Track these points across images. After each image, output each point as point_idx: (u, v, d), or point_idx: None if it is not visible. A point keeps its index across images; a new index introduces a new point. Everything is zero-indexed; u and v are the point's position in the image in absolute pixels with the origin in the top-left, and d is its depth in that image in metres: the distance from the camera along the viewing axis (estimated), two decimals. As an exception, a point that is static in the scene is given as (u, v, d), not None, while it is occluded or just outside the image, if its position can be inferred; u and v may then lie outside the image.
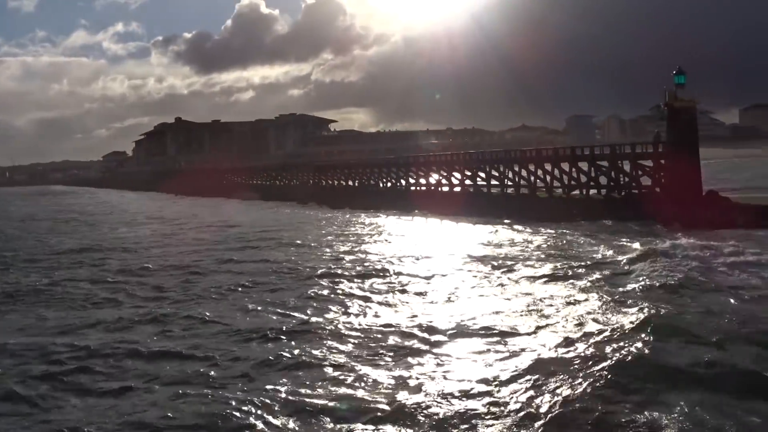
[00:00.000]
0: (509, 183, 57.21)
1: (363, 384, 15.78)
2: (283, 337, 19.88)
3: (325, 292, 26.45)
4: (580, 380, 15.17)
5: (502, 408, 14.10)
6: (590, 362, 16.31)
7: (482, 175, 60.76)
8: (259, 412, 14.32)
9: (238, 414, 14.27)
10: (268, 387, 15.75)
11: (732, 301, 21.60)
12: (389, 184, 76.51)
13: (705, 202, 42.37)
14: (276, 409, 14.53)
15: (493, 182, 59.15)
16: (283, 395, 15.19)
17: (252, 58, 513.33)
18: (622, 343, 17.43)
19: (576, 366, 16.15)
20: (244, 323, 21.97)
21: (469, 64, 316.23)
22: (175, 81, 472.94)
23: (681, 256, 30.28)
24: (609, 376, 15.27)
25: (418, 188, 70.52)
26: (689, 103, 44.95)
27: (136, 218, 74.07)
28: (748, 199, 44.04)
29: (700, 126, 48.64)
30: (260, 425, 13.76)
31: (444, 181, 66.74)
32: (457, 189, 63.79)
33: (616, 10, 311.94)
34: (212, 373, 16.98)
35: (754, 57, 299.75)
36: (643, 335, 17.84)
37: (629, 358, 16.37)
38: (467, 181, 62.69)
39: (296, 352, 18.28)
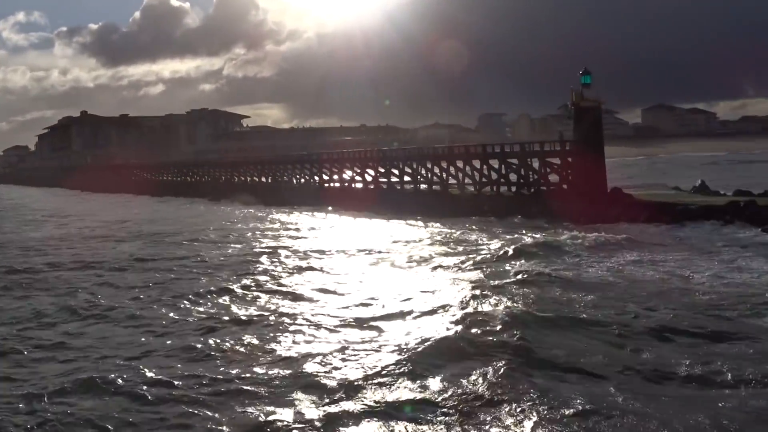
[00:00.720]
0: (422, 180, 57.77)
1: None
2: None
3: (238, 287, 26.07)
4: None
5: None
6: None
7: (395, 172, 61.10)
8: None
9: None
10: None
11: (584, 294, 22.32)
12: (303, 181, 76.11)
13: (610, 199, 43.76)
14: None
15: (406, 179, 59.59)
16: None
17: (161, 52, 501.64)
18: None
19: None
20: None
21: (383, 61, 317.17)
22: (81, 73, 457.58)
23: (568, 251, 31.51)
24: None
25: (331, 185, 70.33)
26: (594, 103, 46.32)
27: (36, 216, 70.96)
28: (651, 196, 45.79)
29: (605, 125, 50.27)
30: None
31: (358, 178, 66.78)
32: (371, 186, 63.91)
33: (526, 11, 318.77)
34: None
35: (656, 59, 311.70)
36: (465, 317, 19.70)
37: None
38: (381, 178, 62.93)
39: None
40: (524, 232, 38.58)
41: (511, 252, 30.98)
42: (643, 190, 51.49)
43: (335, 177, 70.36)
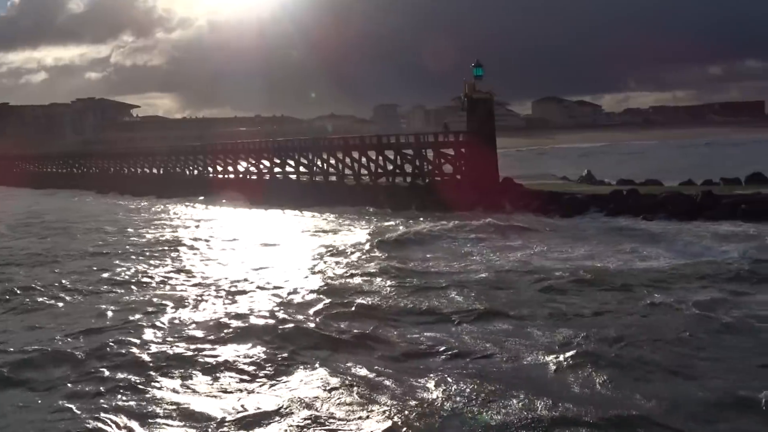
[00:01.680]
0: (317, 171, 57.66)
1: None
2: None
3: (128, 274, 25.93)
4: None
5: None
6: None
7: (291, 163, 60.75)
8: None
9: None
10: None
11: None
12: (196, 172, 74.59)
13: (501, 189, 44.91)
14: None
15: (302, 170, 59.34)
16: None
17: (43, 38, 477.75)
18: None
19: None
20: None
21: (278, 51, 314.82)
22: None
23: (451, 237, 33.37)
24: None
25: (225, 176, 69.27)
26: (487, 95, 47.36)
27: None
28: (540, 186, 47.27)
29: (496, 116, 51.48)
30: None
31: (252, 169, 66.01)
32: (266, 177, 63.31)
33: (420, 2, 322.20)
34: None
35: (546, 53, 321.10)
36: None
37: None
38: (276, 169, 62.41)
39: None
40: (411, 221, 39.51)
41: (383, 238, 32.91)
42: (533, 179, 53.02)
43: (230, 168, 69.37)
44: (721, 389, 13.24)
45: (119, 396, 14.03)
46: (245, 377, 14.89)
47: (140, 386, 14.49)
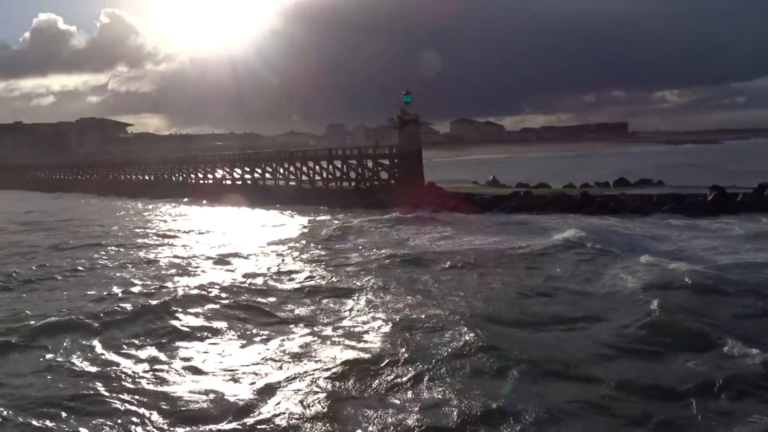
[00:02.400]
0: (281, 177, 57.28)
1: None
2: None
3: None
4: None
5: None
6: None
7: (259, 171, 60.21)
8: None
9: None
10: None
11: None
12: (181, 179, 73.17)
13: (427, 191, 45.36)
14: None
15: (268, 177, 58.86)
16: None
17: (51, 68, 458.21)
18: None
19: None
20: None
21: (247, 80, 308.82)
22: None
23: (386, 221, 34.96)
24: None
25: (205, 182, 68.19)
26: (414, 117, 47.77)
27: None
28: (456, 188, 47.91)
29: (422, 134, 52.04)
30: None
31: (227, 176, 65.16)
32: (239, 183, 62.56)
33: (358, 41, 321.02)
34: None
35: (461, 83, 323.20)
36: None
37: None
38: (247, 176, 61.75)
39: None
40: (350, 215, 39.55)
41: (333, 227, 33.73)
42: (451, 183, 53.70)
43: (209, 176, 68.31)
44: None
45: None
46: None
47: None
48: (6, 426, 10.75)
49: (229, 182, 64.10)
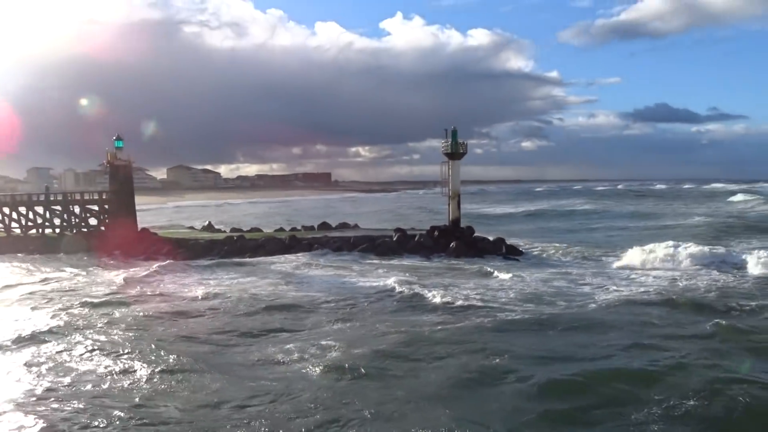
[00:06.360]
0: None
1: None
2: None
3: None
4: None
5: None
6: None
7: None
8: None
9: None
10: None
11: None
12: None
13: (140, 237, 42.30)
14: None
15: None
16: None
17: None
18: None
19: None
20: None
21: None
22: None
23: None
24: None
25: None
26: (126, 162, 44.48)
27: None
28: (172, 234, 45.49)
29: (136, 179, 48.63)
30: None
31: None
32: None
33: (63, 81, 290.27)
34: None
35: (180, 132, 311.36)
36: None
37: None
38: None
39: None
40: (49, 270, 35.18)
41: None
42: (167, 229, 50.87)
43: None
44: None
45: None
46: None
47: None
48: None
49: None
